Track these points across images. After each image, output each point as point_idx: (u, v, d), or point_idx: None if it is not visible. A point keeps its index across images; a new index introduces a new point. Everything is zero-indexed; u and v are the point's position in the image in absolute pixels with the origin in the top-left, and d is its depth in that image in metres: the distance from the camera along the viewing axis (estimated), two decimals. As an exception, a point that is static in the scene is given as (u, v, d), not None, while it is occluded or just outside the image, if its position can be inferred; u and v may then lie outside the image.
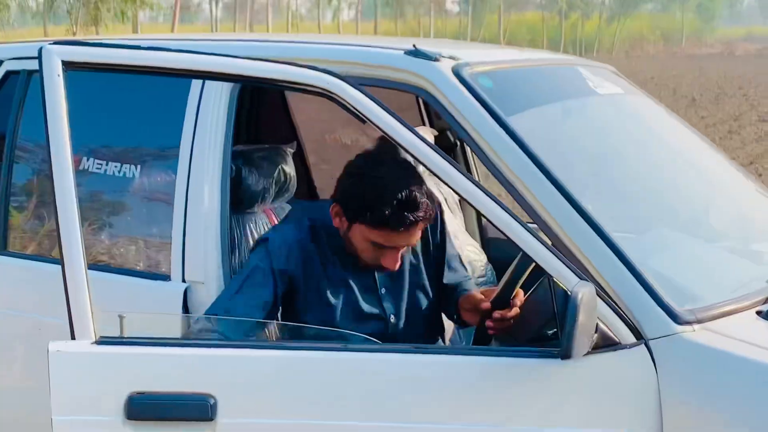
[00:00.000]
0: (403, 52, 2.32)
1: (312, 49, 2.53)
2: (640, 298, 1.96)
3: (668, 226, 2.46)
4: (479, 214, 3.61)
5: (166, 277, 2.49)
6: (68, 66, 1.92)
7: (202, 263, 2.43)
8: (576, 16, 78.43)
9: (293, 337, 2.29)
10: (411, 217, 2.22)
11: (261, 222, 2.86)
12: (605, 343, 1.93)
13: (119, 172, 2.63)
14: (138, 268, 2.59)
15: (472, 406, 1.96)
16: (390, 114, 1.98)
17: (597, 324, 1.90)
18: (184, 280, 2.45)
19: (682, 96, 23.12)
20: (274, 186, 2.83)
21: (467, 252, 3.42)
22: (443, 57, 2.30)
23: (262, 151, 2.88)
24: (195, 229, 2.44)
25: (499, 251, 3.61)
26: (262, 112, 3.71)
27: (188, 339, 2.16)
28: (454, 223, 3.46)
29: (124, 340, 1.99)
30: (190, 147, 2.48)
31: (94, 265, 2.56)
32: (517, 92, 2.41)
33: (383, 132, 1.99)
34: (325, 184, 3.91)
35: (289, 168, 2.90)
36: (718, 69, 33.31)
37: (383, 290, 2.41)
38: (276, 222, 2.90)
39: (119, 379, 1.91)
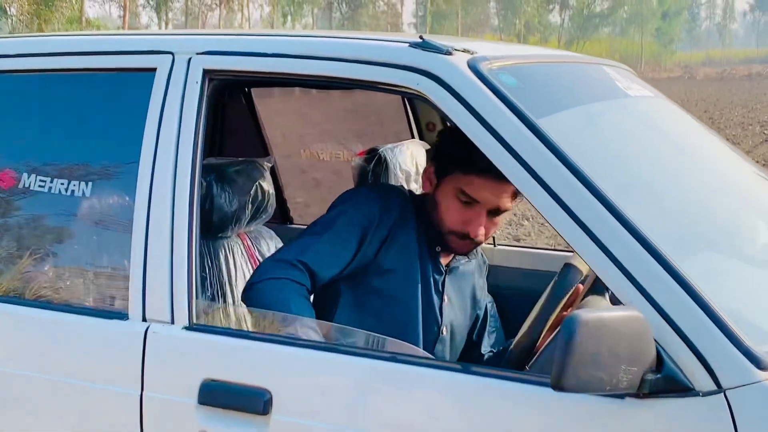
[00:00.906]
0: (407, 44, 1.99)
1: (297, 43, 2.17)
2: (713, 337, 1.64)
3: (715, 249, 2.13)
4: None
5: (122, 316, 2.10)
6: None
7: (166, 299, 2.05)
8: (535, 40, 79.12)
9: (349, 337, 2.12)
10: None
11: (236, 249, 2.50)
12: (673, 387, 1.64)
13: (66, 190, 2.24)
14: (89, 304, 2.20)
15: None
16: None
17: (664, 362, 1.63)
18: (144, 319, 2.07)
19: (646, 119, 23.12)
20: (250, 205, 2.47)
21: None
22: (456, 50, 1.97)
23: (236, 165, 2.52)
24: (158, 258, 2.06)
25: (498, 281, 3.29)
26: (228, 123, 3.36)
27: (263, 333, 2.10)
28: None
29: (214, 328, 2.06)
30: (152, 160, 2.10)
31: (35, 302, 2.21)
32: (545, 92, 2.07)
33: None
34: (302, 210, 3.58)
35: (267, 185, 2.55)
36: (679, 93, 33.59)
37: (446, 298, 2.34)
38: (252, 249, 2.54)
39: (199, 365, 2.01)
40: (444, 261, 2.35)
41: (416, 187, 3.10)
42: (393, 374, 1.88)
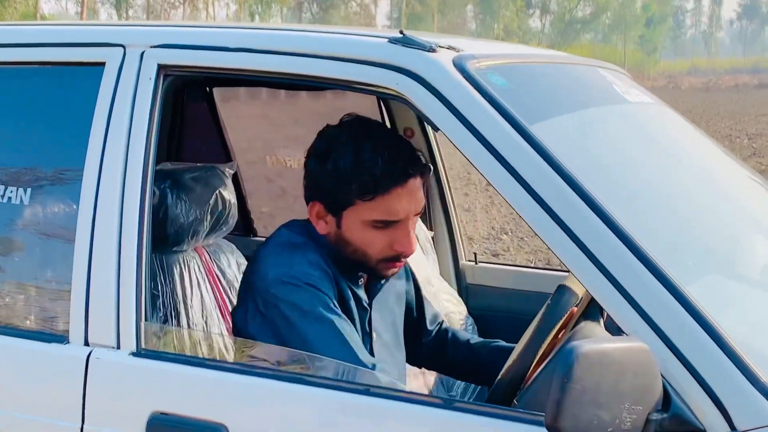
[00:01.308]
0: (386, 40, 1.87)
1: (263, 37, 2.05)
2: (726, 373, 1.53)
3: (724, 272, 2.03)
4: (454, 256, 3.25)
5: (62, 339, 1.95)
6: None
7: (111, 321, 1.91)
8: (514, 47, 79.28)
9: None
10: (410, 168, 1.97)
11: (192, 264, 2.36)
12: (680, 429, 1.53)
13: (2, 197, 2.09)
14: (25, 326, 2.05)
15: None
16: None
17: (671, 400, 1.52)
18: (87, 344, 1.93)
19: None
20: (209, 216, 2.34)
21: (443, 302, 2.99)
22: (441, 47, 1.86)
23: (194, 171, 2.38)
24: (103, 274, 1.92)
25: (480, 300, 3.19)
26: (188, 126, 3.24)
27: (217, 361, 2.00)
28: (426, 266, 3.01)
29: (164, 354, 1.93)
30: (98, 165, 1.97)
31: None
32: (538, 95, 1.97)
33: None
34: (267, 221, 3.46)
35: (228, 193, 2.42)
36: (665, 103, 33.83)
37: (374, 335, 2.14)
38: (211, 264, 2.41)
39: (147, 396, 1.89)
40: (365, 285, 2.17)
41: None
42: (364, 408, 1.76)
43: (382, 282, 2.18)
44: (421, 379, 2.86)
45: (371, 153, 1.96)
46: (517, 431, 1.62)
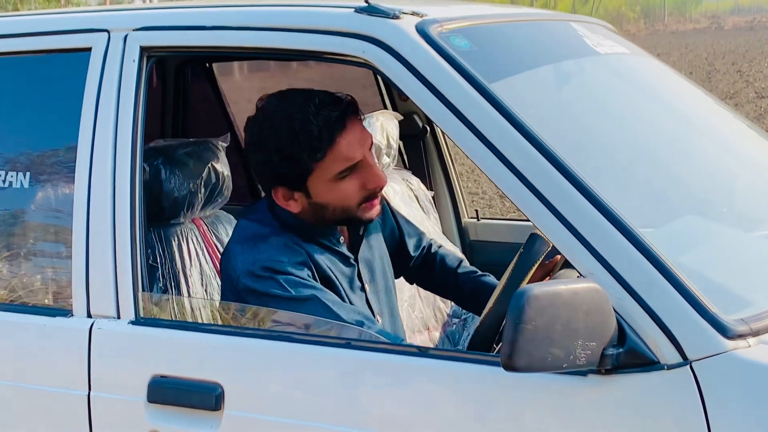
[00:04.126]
0: (353, 10, 2.00)
1: (236, 14, 2.18)
2: (676, 306, 1.66)
3: (696, 214, 2.15)
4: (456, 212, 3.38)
5: (66, 312, 2.13)
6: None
7: (111, 293, 2.08)
8: (545, -7, 78.43)
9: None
10: (341, 111, 2.09)
11: (191, 236, 2.53)
12: (636, 362, 1.66)
13: (3, 182, 2.27)
14: (29, 302, 2.24)
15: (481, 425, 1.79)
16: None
17: (626, 335, 1.66)
18: (89, 315, 2.10)
19: (670, 76, 22.92)
20: (203, 189, 2.49)
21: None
22: (404, 13, 1.99)
23: (187, 146, 2.54)
24: (100, 249, 2.09)
25: (484, 256, 3.32)
26: (192, 103, 3.39)
27: (211, 324, 2.14)
28: (428, 224, 3.15)
29: (161, 321, 2.10)
30: (89, 146, 2.13)
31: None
32: (500, 54, 2.08)
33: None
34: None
35: (222, 166, 2.56)
36: (706, 45, 33.31)
37: (367, 287, 2.26)
38: (209, 235, 2.56)
39: (146, 361, 2.04)
40: (347, 242, 2.27)
41: (388, 161, 3.12)
42: (350, 363, 1.91)
43: (362, 233, 2.29)
44: (426, 335, 3.01)
45: (301, 117, 2.07)
46: (494, 374, 1.76)
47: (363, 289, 2.26)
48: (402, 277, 2.62)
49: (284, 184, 2.13)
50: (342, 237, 2.25)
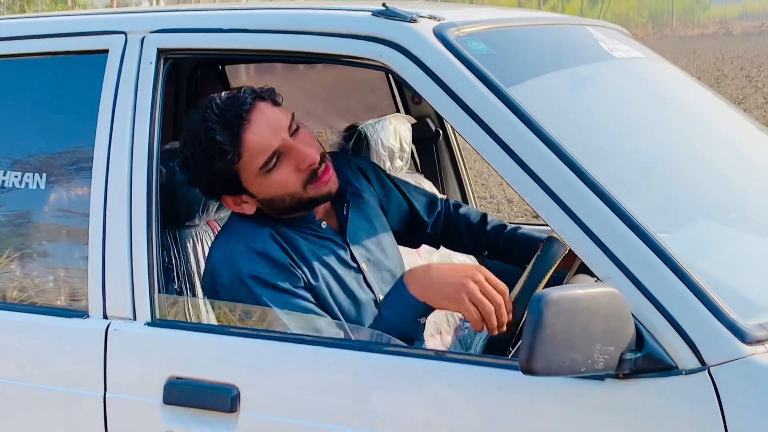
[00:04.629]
0: (370, 13, 2.02)
1: (254, 17, 2.20)
2: (694, 311, 1.67)
3: (711, 218, 2.16)
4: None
5: (83, 314, 2.15)
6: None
7: (127, 294, 2.10)
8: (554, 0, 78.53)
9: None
10: (238, 110, 2.07)
11: (206, 237, 2.54)
12: (654, 367, 1.67)
13: (20, 183, 2.28)
14: (46, 302, 2.25)
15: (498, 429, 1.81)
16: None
17: (644, 339, 1.67)
18: (105, 317, 2.12)
19: (679, 82, 22.93)
20: (217, 192, 2.50)
21: (455, 257, 3.13)
22: (422, 17, 2.00)
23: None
24: (117, 251, 2.11)
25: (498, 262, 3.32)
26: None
27: (227, 326, 2.11)
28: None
29: (177, 323, 2.12)
30: (106, 149, 2.15)
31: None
32: (517, 58, 2.10)
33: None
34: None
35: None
36: (714, 50, 33.31)
37: (363, 266, 2.22)
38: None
39: (162, 362, 2.06)
40: (334, 225, 2.25)
41: (401, 164, 3.14)
42: (365, 366, 1.92)
43: (345, 212, 2.26)
44: (438, 339, 3.01)
45: (203, 126, 2.07)
46: (510, 378, 1.77)
47: (359, 269, 2.22)
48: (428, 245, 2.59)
49: (225, 191, 2.14)
50: (324, 222, 2.23)
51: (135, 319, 2.09)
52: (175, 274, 2.41)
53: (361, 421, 1.89)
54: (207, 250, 2.53)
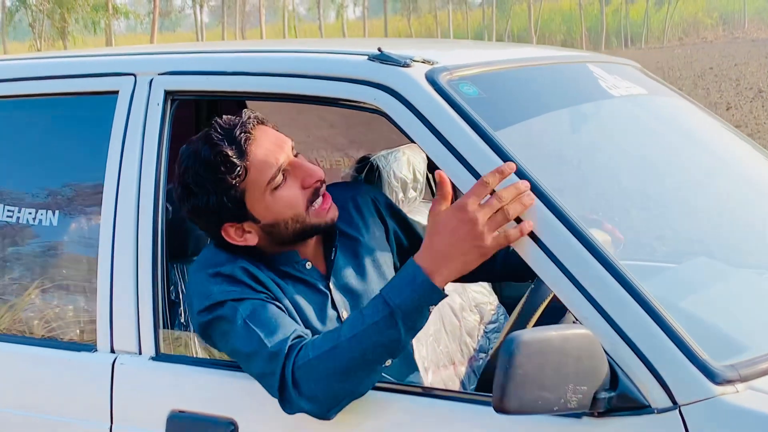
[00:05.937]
0: (366, 57, 2.18)
1: (257, 60, 2.38)
2: (666, 352, 1.80)
3: (708, 255, 2.30)
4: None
5: (91, 347, 2.34)
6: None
7: (132, 329, 2.29)
8: (619, 2, 78.09)
9: None
10: (241, 131, 2.12)
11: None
12: (628, 405, 1.81)
13: (34, 220, 2.49)
14: (56, 336, 2.46)
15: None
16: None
17: (618, 379, 1.81)
18: (112, 351, 2.31)
19: (746, 87, 22.82)
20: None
21: (472, 293, 3.27)
22: (415, 61, 2.16)
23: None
24: (123, 286, 2.30)
25: (514, 290, 3.46)
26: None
27: (226, 361, 2.22)
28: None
29: (180, 357, 2.29)
30: (115, 187, 2.34)
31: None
32: (508, 100, 2.25)
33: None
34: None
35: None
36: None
37: (346, 314, 2.24)
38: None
39: (165, 396, 2.24)
40: (321, 268, 2.28)
41: (414, 195, 3.28)
42: (358, 400, 2.06)
43: (333, 255, 2.28)
44: (452, 370, 3.16)
45: (208, 146, 2.12)
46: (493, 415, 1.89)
47: (339, 318, 2.24)
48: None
49: (228, 219, 2.16)
50: (309, 263, 2.26)
51: (140, 353, 2.28)
52: (181, 308, 2.59)
53: None
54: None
